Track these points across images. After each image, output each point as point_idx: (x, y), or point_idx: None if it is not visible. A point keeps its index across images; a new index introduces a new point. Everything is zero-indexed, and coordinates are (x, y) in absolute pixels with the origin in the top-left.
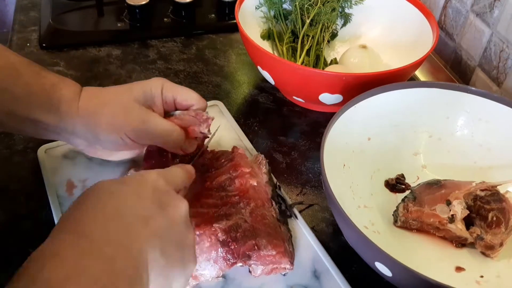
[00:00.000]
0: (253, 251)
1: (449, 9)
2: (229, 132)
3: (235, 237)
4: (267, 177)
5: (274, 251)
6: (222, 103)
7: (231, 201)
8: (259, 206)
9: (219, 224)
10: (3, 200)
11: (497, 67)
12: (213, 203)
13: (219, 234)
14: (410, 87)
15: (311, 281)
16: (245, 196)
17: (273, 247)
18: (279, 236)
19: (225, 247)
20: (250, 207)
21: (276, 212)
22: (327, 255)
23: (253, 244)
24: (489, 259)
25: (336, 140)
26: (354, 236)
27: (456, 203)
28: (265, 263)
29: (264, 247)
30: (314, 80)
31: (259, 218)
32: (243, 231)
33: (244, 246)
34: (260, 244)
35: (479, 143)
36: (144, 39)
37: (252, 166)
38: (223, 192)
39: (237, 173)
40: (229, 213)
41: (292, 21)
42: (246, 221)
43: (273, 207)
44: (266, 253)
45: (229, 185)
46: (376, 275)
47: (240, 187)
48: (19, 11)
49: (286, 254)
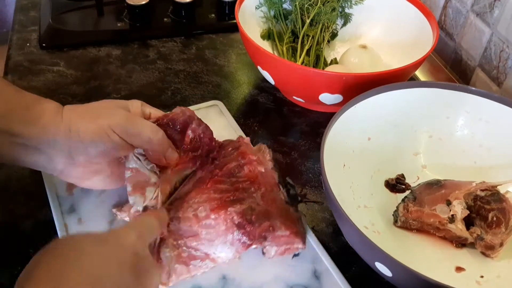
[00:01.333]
0: (269, 232)
1: (449, 9)
2: (229, 132)
3: (250, 219)
4: (271, 164)
5: (288, 231)
6: (222, 103)
7: (242, 186)
8: (269, 191)
9: (234, 208)
10: (3, 200)
11: (497, 67)
12: (225, 189)
13: (234, 217)
14: (410, 87)
15: (311, 281)
16: (255, 181)
17: (286, 227)
18: (290, 218)
19: (241, 230)
20: (261, 192)
21: (285, 196)
22: (327, 255)
23: (268, 225)
24: (489, 259)
25: (336, 140)
26: (354, 236)
27: (456, 203)
28: (279, 243)
29: (279, 228)
30: (314, 80)
31: (270, 202)
32: (257, 214)
33: (259, 227)
34: (275, 225)
35: (479, 143)
36: (144, 39)
37: (257, 154)
38: (234, 178)
39: (245, 160)
40: (241, 197)
41: (292, 21)
42: (259, 204)
43: (281, 191)
44: (281, 233)
45: (238, 172)
46: (376, 275)
47: (250, 174)
48: (19, 11)
49: (298, 234)
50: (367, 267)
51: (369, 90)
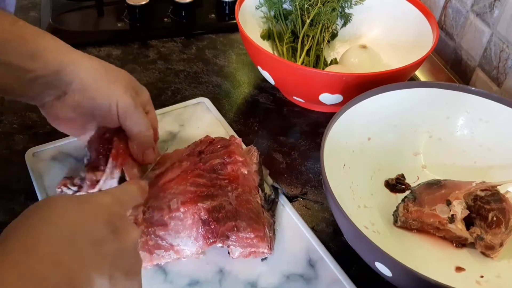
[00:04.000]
0: (232, 232)
1: (449, 9)
2: (218, 128)
3: (217, 217)
4: (256, 166)
5: (253, 234)
6: (209, 99)
7: (220, 183)
8: (246, 192)
9: (204, 204)
10: (3, 200)
11: (497, 67)
12: (203, 183)
13: (202, 213)
14: (410, 87)
15: (307, 269)
16: (234, 181)
17: (252, 230)
18: (260, 221)
19: (205, 226)
20: (237, 192)
21: (262, 199)
22: (320, 244)
23: (232, 225)
24: (489, 259)
25: (336, 140)
26: (354, 236)
27: (456, 203)
28: (243, 245)
29: (244, 229)
30: (314, 80)
31: (244, 203)
32: (225, 213)
33: (224, 226)
34: (240, 226)
35: (479, 143)
36: (144, 39)
37: (245, 156)
38: (214, 174)
39: (231, 160)
40: (215, 194)
41: (292, 21)
42: (231, 204)
43: (259, 194)
44: (245, 235)
45: (221, 169)
46: (376, 275)
47: (231, 173)
48: (19, 11)
49: (265, 239)
50: (367, 267)
51: (369, 90)
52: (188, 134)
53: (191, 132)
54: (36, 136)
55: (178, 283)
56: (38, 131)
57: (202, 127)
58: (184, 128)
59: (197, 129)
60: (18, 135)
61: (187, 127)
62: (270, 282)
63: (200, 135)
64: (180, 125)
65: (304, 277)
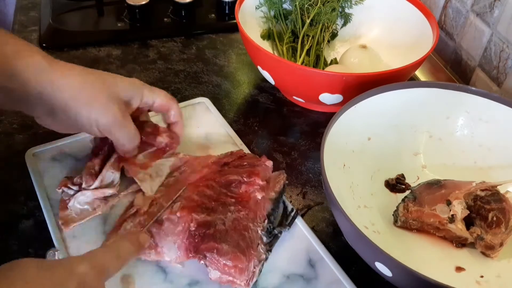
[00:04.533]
0: (211, 253)
1: (449, 9)
2: (218, 129)
3: (204, 233)
4: (275, 195)
5: (232, 263)
6: (209, 99)
7: (225, 201)
8: (249, 218)
9: (198, 216)
10: (3, 200)
11: (497, 67)
12: (209, 195)
13: (192, 224)
14: (410, 87)
15: (307, 269)
16: (242, 203)
17: (232, 258)
18: (247, 252)
19: (190, 238)
20: (238, 214)
21: (264, 229)
22: (320, 244)
23: (214, 246)
24: (489, 259)
25: (336, 140)
26: (354, 236)
27: (456, 203)
28: (222, 271)
29: (224, 254)
30: (314, 80)
31: (239, 227)
32: (214, 231)
33: (205, 244)
34: (221, 249)
35: (479, 143)
36: (144, 39)
37: (269, 180)
38: (225, 190)
39: (249, 180)
40: (215, 210)
41: (292, 21)
42: (224, 224)
43: (263, 224)
44: (223, 261)
45: (234, 187)
46: (376, 275)
47: (243, 193)
48: (19, 11)
49: (244, 272)
50: (367, 267)
51: (369, 90)
52: (188, 134)
53: (191, 132)
54: (36, 136)
55: (178, 283)
56: (38, 131)
57: (202, 127)
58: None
59: (197, 129)
60: (18, 135)
61: (187, 127)
62: (270, 282)
63: (200, 134)
64: None
65: (304, 277)
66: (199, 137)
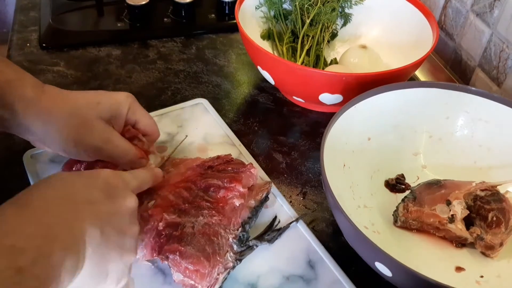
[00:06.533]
0: (173, 255)
1: (449, 9)
2: (216, 129)
3: (170, 234)
4: (255, 203)
5: (193, 267)
6: (209, 99)
7: (200, 204)
8: (221, 224)
9: (168, 216)
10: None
11: (497, 67)
12: (184, 197)
13: (161, 224)
14: (410, 87)
15: (306, 270)
16: (216, 208)
17: (194, 262)
18: (212, 258)
19: (156, 237)
20: (211, 219)
21: (236, 237)
22: (320, 244)
23: (177, 248)
24: (489, 259)
25: (336, 140)
26: (354, 236)
27: (456, 203)
28: (184, 273)
29: (186, 257)
30: (314, 80)
31: (208, 232)
32: (180, 233)
33: (169, 245)
34: (184, 252)
35: (479, 143)
36: (144, 39)
37: (253, 188)
38: (202, 193)
39: (229, 186)
40: (187, 212)
41: (292, 21)
42: (193, 228)
43: (235, 232)
44: (185, 264)
45: (213, 191)
46: (376, 275)
47: (220, 199)
48: (19, 11)
49: (205, 278)
50: (367, 267)
51: (369, 90)
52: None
53: (190, 133)
54: None
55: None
56: None
57: (201, 128)
58: (183, 129)
59: (196, 130)
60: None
61: (186, 128)
62: (270, 283)
63: (198, 135)
64: (178, 126)
65: (304, 278)
66: (198, 139)
